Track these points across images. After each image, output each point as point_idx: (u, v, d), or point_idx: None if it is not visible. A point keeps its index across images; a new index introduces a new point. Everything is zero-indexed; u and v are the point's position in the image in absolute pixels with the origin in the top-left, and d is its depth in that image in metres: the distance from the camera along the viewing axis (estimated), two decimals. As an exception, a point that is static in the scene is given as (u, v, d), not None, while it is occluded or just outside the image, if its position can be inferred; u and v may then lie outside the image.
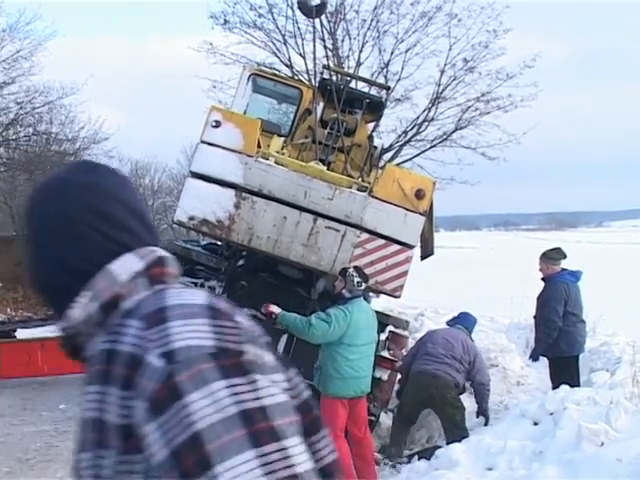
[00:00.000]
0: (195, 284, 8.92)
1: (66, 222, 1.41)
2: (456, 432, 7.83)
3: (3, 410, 9.06)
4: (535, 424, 6.31)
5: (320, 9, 9.17)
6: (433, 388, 8.11)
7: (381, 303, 12.84)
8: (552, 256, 8.63)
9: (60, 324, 1.42)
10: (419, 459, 7.64)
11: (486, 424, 8.20)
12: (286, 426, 1.22)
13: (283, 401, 1.27)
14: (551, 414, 6.16)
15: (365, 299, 7.72)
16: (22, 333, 12.46)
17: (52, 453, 7.13)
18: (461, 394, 8.46)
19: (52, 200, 1.44)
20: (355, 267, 7.49)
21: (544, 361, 8.92)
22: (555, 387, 7.58)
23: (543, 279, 8.63)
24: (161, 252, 1.48)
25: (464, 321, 8.97)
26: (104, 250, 1.40)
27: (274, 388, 1.27)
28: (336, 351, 7.11)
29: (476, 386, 8.48)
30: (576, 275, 8.65)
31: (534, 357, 8.87)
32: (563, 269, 8.62)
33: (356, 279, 7.21)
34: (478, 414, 8.52)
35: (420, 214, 8.36)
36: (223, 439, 1.15)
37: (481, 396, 8.46)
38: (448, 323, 9.19)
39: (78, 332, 1.40)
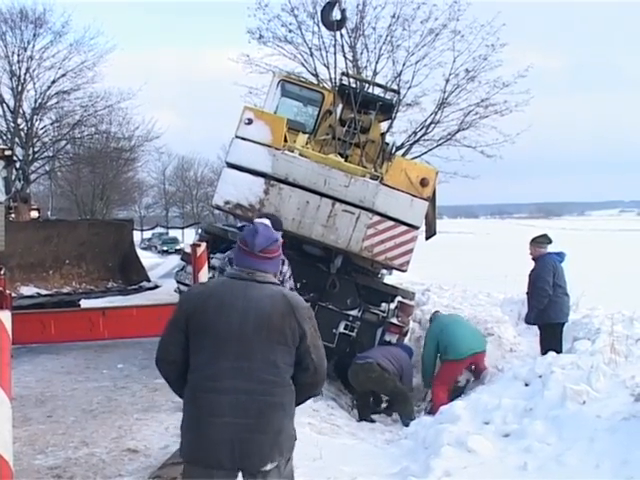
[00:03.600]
0: (231, 260, 8.83)
1: None
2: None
3: (70, 369, 9.06)
4: (526, 385, 6.28)
5: (340, 23, 9.03)
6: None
7: (392, 279, 12.77)
8: (540, 241, 8.65)
9: None
10: (425, 414, 7.65)
11: None
12: None
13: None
14: (540, 376, 6.13)
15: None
16: (85, 303, 12.52)
17: (112, 405, 7.10)
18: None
19: None
20: None
21: (534, 330, 8.93)
22: (544, 353, 7.52)
23: (534, 259, 8.62)
24: None
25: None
26: None
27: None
28: None
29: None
30: (561, 256, 8.69)
31: (527, 320, 8.89)
32: (549, 252, 8.60)
33: None
34: None
35: (424, 199, 8.30)
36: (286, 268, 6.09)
37: None
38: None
39: None
